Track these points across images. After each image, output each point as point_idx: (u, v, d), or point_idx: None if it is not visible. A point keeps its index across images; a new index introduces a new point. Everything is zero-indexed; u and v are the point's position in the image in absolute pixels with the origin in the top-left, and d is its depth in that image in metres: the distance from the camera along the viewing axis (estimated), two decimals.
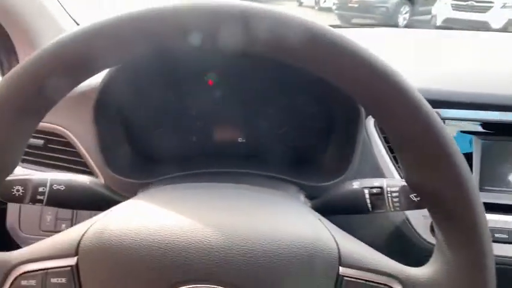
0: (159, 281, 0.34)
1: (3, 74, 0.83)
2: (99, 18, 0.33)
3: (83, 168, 0.72)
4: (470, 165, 0.69)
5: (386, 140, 0.69)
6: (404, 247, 0.67)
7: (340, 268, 0.36)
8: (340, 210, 0.54)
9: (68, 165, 0.73)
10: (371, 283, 0.36)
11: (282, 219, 0.40)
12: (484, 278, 0.34)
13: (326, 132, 0.76)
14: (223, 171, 0.68)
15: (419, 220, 0.66)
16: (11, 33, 0.77)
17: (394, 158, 0.69)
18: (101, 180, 0.66)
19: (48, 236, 0.71)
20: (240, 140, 0.79)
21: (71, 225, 0.72)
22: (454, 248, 0.35)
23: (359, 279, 0.36)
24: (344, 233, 0.41)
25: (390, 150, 0.69)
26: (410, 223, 0.67)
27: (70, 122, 0.70)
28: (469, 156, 0.69)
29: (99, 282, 0.35)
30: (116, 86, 0.64)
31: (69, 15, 0.92)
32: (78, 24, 0.94)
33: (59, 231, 0.71)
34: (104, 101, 0.64)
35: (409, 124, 0.33)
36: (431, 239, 0.66)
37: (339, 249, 0.37)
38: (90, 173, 0.71)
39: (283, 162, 0.76)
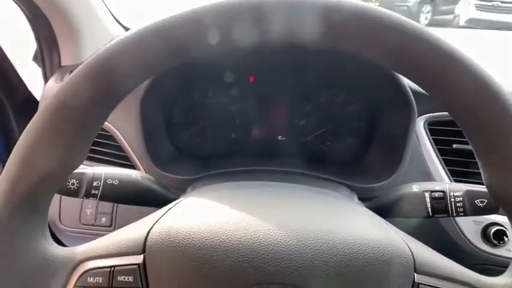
0: (229, 282, 0.33)
1: (43, 65, 0.83)
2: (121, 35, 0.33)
3: (124, 162, 0.72)
4: None
5: (436, 142, 0.67)
6: (453, 254, 0.65)
7: (416, 275, 0.35)
8: (398, 213, 0.52)
9: (109, 158, 0.73)
10: None
11: (351, 222, 0.38)
12: None
13: (368, 131, 0.74)
14: (269, 169, 0.67)
15: (470, 226, 0.64)
16: (54, 26, 0.77)
17: (444, 160, 0.66)
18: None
19: (88, 229, 0.72)
20: (279, 138, 0.78)
21: (111, 219, 0.71)
22: None
23: (435, 287, 0.34)
24: (411, 237, 0.40)
25: (440, 152, 0.67)
26: (460, 229, 0.64)
27: (114, 117, 0.69)
28: None
29: (167, 280, 0.34)
30: (160, 83, 0.64)
31: (110, 12, 0.92)
32: (117, 21, 0.94)
33: (99, 226, 0.72)
34: (148, 98, 0.64)
35: (497, 125, 0.32)
36: (483, 246, 0.63)
37: (413, 255, 0.35)
38: (131, 166, 0.71)
39: (325, 162, 0.75)
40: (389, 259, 0.34)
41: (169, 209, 0.40)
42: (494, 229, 0.62)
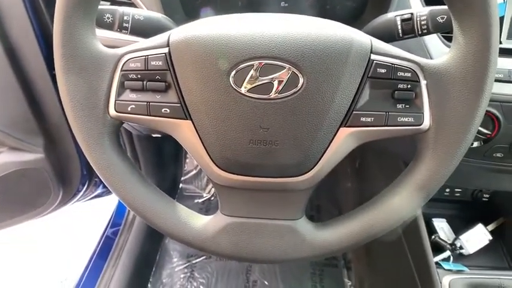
0: (227, 58, 0.44)
1: None
2: None
3: None
4: None
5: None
6: None
7: (372, 55, 0.45)
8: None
9: None
10: (396, 66, 0.45)
11: (330, 23, 0.48)
12: (489, 58, 0.43)
13: None
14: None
15: None
16: None
17: None
18: None
19: None
20: (282, 4, 0.85)
21: None
22: (467, 33, 0.43)
23: (386, 62, 0.45)
24: None
25: (426, 3, 0.73)
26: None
27: None
28: None
29: (186, 62, 0.46)
30: None
31: None
32: None
33: None
34: None
35: None
36: None
37: (371, 42, 0.46)
38: None
39: None
40: (351, 40, 0.45)
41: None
42: None
